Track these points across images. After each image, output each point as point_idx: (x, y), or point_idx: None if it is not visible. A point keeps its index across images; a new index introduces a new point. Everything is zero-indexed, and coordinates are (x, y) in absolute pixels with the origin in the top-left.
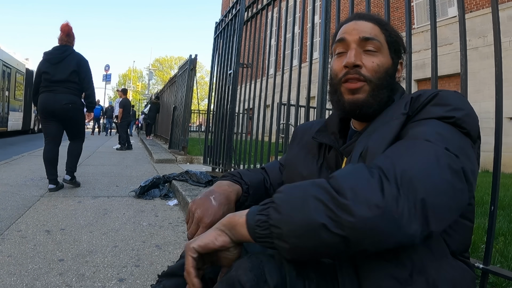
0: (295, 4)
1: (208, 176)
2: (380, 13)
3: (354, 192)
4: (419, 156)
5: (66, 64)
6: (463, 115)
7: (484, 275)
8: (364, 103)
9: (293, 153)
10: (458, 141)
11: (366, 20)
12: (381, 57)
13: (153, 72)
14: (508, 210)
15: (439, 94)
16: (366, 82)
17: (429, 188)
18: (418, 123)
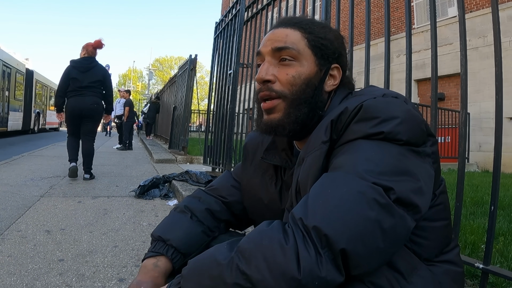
0: (295, 4)
1: (208, 176)
2: (380, 13)
3: (269, 269)
4: (338, 200)
5: (93, 73)
6: (393, 126)
7: (484, 275)
8: (278, 124)
9: (248, 175)
10: (391, 162)
11: (286, 26)
12: (299, 67)
13: (153, 72)
14: (508, 210)
15: (363, 106)
16: (281, 98)
17: (350, 239)
18: (342, 149)
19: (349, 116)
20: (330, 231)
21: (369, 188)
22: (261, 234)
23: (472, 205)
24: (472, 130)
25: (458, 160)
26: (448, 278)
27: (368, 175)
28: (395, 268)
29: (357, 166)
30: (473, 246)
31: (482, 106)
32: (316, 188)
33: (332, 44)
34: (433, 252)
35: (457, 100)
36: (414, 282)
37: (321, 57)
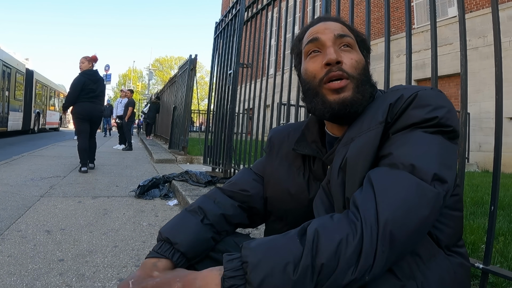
0: (295, 4)
1: (207, 176)
2: (380, 13)
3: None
4: (400, 199)
5: (100, 85)
6: (445, 113)
7: (484, 275)
8: (352, 100)
9: (274, 167)
10: (445, 156)
11: (333, 21)
12: (357, 54)
13: (153, 72)
14: (508, 210)
15: (418, 94)
16: (349, 79)
17: (404, 238)
18: (400, 138)
19: (405, 102)
20: (395, 231)
21: (430, 191)
22: (330, 226)
23: (472, 205)
24: (472, 130)
25: (458, 160)
26: (462, 271)
27: (428, 171)
28: (416, 253)
29: (418, 161)
30: (473, 246)
31: (482, 106)
32: (382, 182)
33: (366, 41)
34: (452, 241)
35: (457, 100)
36: (432, 268)
37: (363, 50)
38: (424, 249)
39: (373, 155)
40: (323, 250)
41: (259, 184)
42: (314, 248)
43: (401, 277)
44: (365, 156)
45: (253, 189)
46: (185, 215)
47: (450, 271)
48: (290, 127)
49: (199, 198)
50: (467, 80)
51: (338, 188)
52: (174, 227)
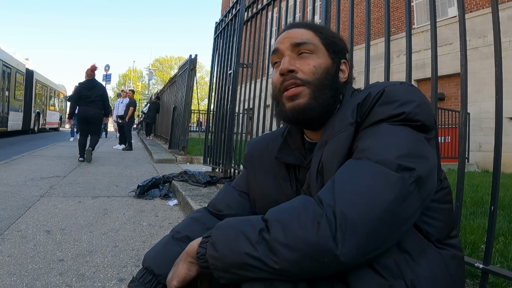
0: (295, 4)
1: (206, 176)
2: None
3: (284, 230)
4: (364, 187)
5: (96, 90)
6: (413, 107)
7: (484, 275)
8: (306, 107)
9: (258, 181)
10: (411, 146)
11: (298, 27)
12: (317, 58)
13: (153, 72)
14: (508, 210)
15: (385, 90)
16: (305, 85)
17: (374, 225)
18: (367, 132)
19: (373, 100)
20: (356, 218)
21: (393, 176)
22: (285, 209)
23: (472, 205)
24: (472, 130)
25: (458, 160)
26: (455, 262)
27: (393, 159)
28: (404, 249)
29: (383, 151)
30: (473, 246)
31: (482, 106)
32: (343, 174)
33: (340, 42)
34: (443, 234)
35: (457, 100)
36: (422, 264)
37: (333, 52)
38: (413, 244)
39: (345, 155)
40: (277, 236)
41: (246, 200)
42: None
43: (388, 277)
44: (338, 157)
45: (240, 207)
46: (172, 244)
47: (441, 265)
48: (267, 137)
49: (186, 222)
50: (467, 80)
51: (317, 191)
52: (158, 255)
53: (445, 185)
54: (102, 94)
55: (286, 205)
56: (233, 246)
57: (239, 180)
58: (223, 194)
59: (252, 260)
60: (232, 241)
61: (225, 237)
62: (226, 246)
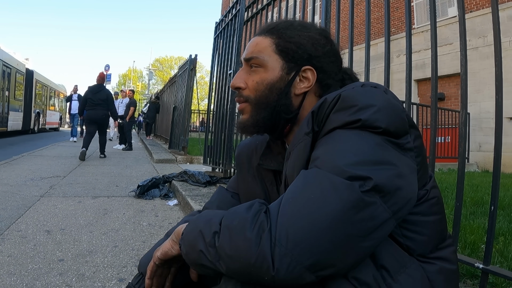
0: (295, 4)
1: (206, 176)
2: (380, 13)
3: (230, 239)
4: (307, 199)
5: (100, 95)
6: (371, 113)
7: (484, 275)
8: (245, 124)
9: (247, 184)
10: (369, 152)
11: (260, 34)
12: (263, 73)
13: (153, 72)
14: (508, 210)
15: (341, 96)
16: (247, 102)
17: (317, 239)
18: (321, 141)
19: (328, 107)
20: (297, 231)
21: (341, 184)
22: (237, 215)
23: (472, 205)
24: (472, 130)
25: (458, 160)
26: (441, 277)
27: (343, 167)
28: (381, 265)
29: (333, 159)
30: (473, 246)
31: (482, 106)
32: (292, 185)
33: (302, 46)
34: (427, 248)
35: (457, 100)
36: (401, 281)
37: (289, 61)
38: (391, 260)
39: (303, 167)
40: (223, 245)
41: (236, 200)
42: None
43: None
44: (297, 169)
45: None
46: None
47: (424, 281)
48: (256, 140)
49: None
50: (467, 80)
51: None
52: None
53: (432, 195)
54: (105, 98)
55: (241, 209)
56: (193, 246)
57: (232, 182)
58: (216, 197)
59: (207, 261)
60: (192, 240)
61: (189, 234)
62: (189, 244)
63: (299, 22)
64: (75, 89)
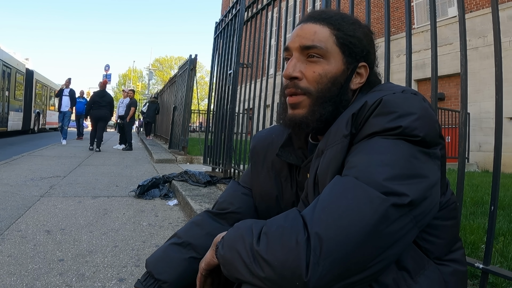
0: (295, 4)
1: (207, 176)
2: (380, 13)
3: (268, 245)
4: (343, 210)
5: (105, 98)
6: (411, 121)
7: (484, 275)
8: (302, 120)
9: (260, 178)
10: (405, 165)
11: (315, 21)
12: (326, 65)
13: (153, 72)
14: (508, 210)
15: (382, 100)
16: (306, 95)
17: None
18: (358, 147)
19: (368, 110)
20: (332, 242)
21: (377, 198)
22: (275, 222)
23: (472, 205)
24: (472, 130)
25: (458, 160)
26: (455, 279)
27: (381, 182)
28: (403, 267)
29: (371, 172)
30: (473, 246)
31: (482, 106)
32: (327, 192)
33: (360, 42)
34: (444, 251)
35: (457, 100)
36: (420, 282)
37: (348, 55)
38: (412, 262)
39: (338, 170)
40: (261, 250)
41: (249, 197)
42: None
43: None
44: (331, 171)
45: (243, 205)
46: (171, 249)
47: (440, 282)
48: (273, 132)
49: (187, 226)
50: (467, 80)
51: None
52: (158, 261)
53: (452, 201)
54: (110, 101)
55: (280, 217)
56: (231, 247)
57: (245, 176)
58: (228, 192)
59: (241, 262)
60: (232, 242)
61: (231, 237)
62: (228, 245)
63: (348, 15)
64: (68, 83)
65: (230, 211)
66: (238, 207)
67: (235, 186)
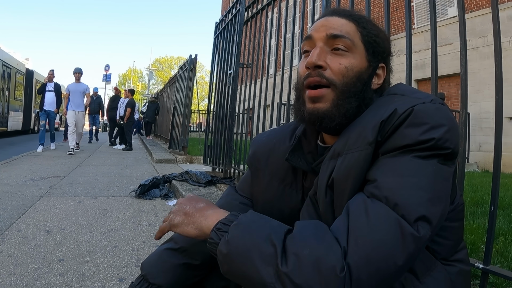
0: (295, 4)
1: (207, 176)
2: (380, 13)
3: (300, 269)
4: (378, 240)
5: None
6: (443, 133)
7: (484, 275)
8: (325, 114)
9: (263, 186)
10: (436, 187)
11: (340, 16)
12: (352, 59)
13: (153, 72)
14: (508, 210)
15: (414, 110)
16: (330, 87)
17: (373, 279)
18: (389, 163)
19: (398, 119)
20: (364, 276)
21: (409, 235)
22: (306, 242)
23: (472, 205)
24: (472, 130)
25: (458, 160)
26: (460, 278)
27: (413, 208)
28: (410, 270)
29: (403, 195)
30: (473, 246)
31: (482, 106)
32: (358, 214)
33: (383, 42)
34: (450, 251)
35: (457, 100)
36: (427, 283)
37: (372, 54)
38: (420, 264)
39: (361, 179)
40: (292, 273)
41: (248, 207)
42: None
43: None
44: (353, 179)
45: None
46: (166, 254)
47: (447, 282)
48: (273, 137)
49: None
50: (467, 80)
51: (327, 207)
52: (153, 265)
53: (460, 203)
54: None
55: (309, 235)
56: (245, 257)
57: (243, 184)
58: (226, 200)
59: (259, 278)
60: (245, 250)
61: (240, 243)
62: (239, 252)
63: (368, 17)
64: (51, 76)
65: None
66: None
67: (233, 194)
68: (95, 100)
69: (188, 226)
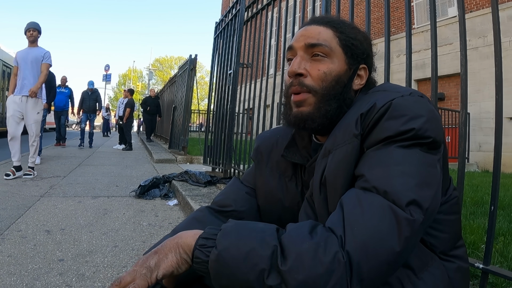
0: (295, 4)
1: (207, 176)
2: (380, 13)
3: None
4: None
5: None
6: (422, 123)
7: (484, 275)
8: (308, 116)
9: (264, 178)
10: (423, 172)
11: (318, 24)
12: (330, 64)
13: (153, 72)
14: (508, 210)
15: (392, 104)
16: (311, 93)
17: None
18: (375, 156)
19: (377, 113)
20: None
21: (403, 219)
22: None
23: (472, 205)
24: (472, 130)
25: (458, 160)
26: (459, 275)
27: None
28: (407, 265)
29: (392, 183)
30: (473, 246)
31: (482, 106)
32: (353, 207)
33: (361, 44)
34: (448, 245)
35: (457, 100)
36: (424, 279)
37: (351, 56)
38: (416, 259)
39: (351, 172)
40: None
41: (252, 197)
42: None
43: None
44: (343, 173)
45: (247, 205)
46: None
47: (444, 278)
48: (277, 133)
49: (187, 222)
50: (467, 80)
51: (321, 204)
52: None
53: (453, 196)
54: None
55: (304, 232)
56: (244, 267)
57: (248, 175)
58: (230, 188)
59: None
60: (244, 260)
61: (235, 252)
62: (235, 264)
63: (347, 21)
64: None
65: (233, 209)
66: (241, 205)
67: (238, 184)
68: (90, 95)
69: (167, 257)
